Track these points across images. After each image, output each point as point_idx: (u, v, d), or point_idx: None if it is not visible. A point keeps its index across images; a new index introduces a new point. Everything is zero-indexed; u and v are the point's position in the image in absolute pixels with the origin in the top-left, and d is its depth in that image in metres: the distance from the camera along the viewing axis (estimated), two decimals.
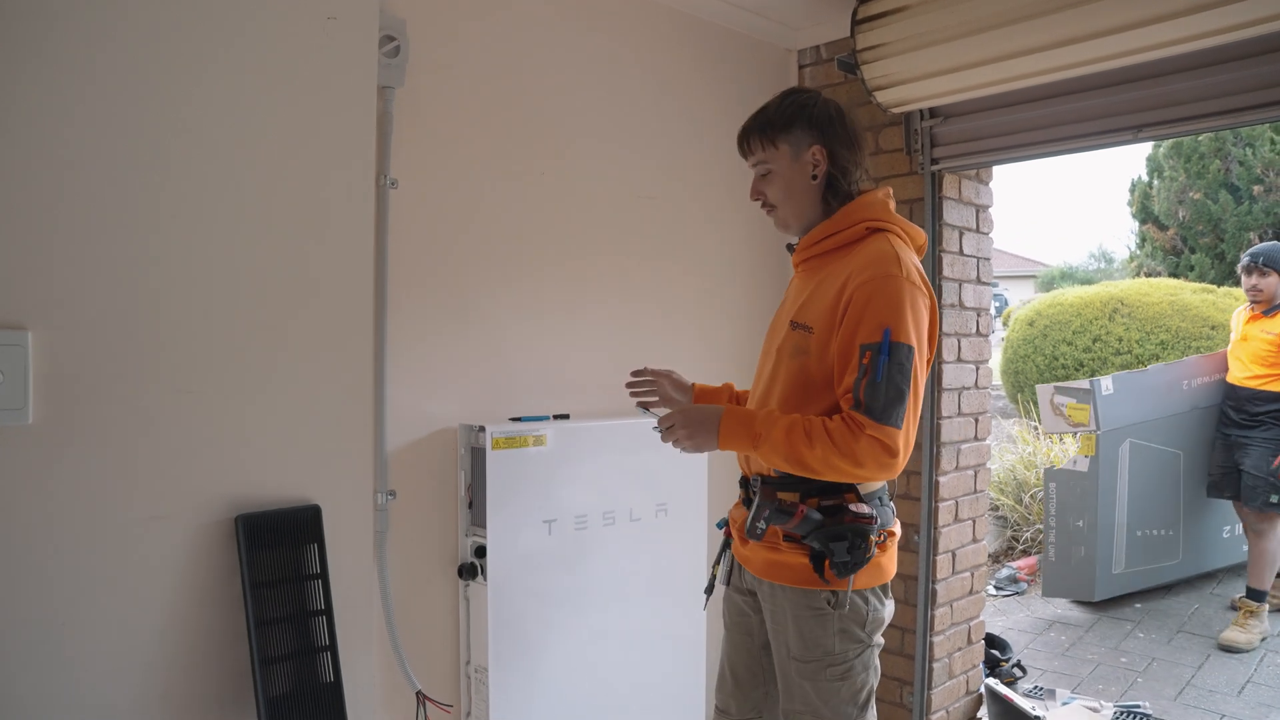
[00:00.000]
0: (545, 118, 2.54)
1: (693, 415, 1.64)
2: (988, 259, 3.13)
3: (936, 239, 2.91)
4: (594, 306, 2.67)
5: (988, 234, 3.13)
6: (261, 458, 1.69)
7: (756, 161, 1.74)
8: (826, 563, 1.60)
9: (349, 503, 1.82)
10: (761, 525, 1.62)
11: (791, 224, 1.74)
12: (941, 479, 2.96)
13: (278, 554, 1.63)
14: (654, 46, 2.83)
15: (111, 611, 1.54)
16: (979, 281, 3.10)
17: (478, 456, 2.29)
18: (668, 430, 1.67)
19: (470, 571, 2.31)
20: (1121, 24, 2.22)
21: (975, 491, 3.14)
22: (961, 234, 3.00)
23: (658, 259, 2.84)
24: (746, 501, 1.74)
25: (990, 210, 3.14)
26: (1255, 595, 4.08)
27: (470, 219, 2.37)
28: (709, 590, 1.95)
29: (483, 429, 2.27)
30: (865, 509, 1.63)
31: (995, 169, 3.06)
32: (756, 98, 3.21)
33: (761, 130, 1.72)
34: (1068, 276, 24.22)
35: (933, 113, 2.87)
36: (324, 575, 1.69)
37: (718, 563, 1.92)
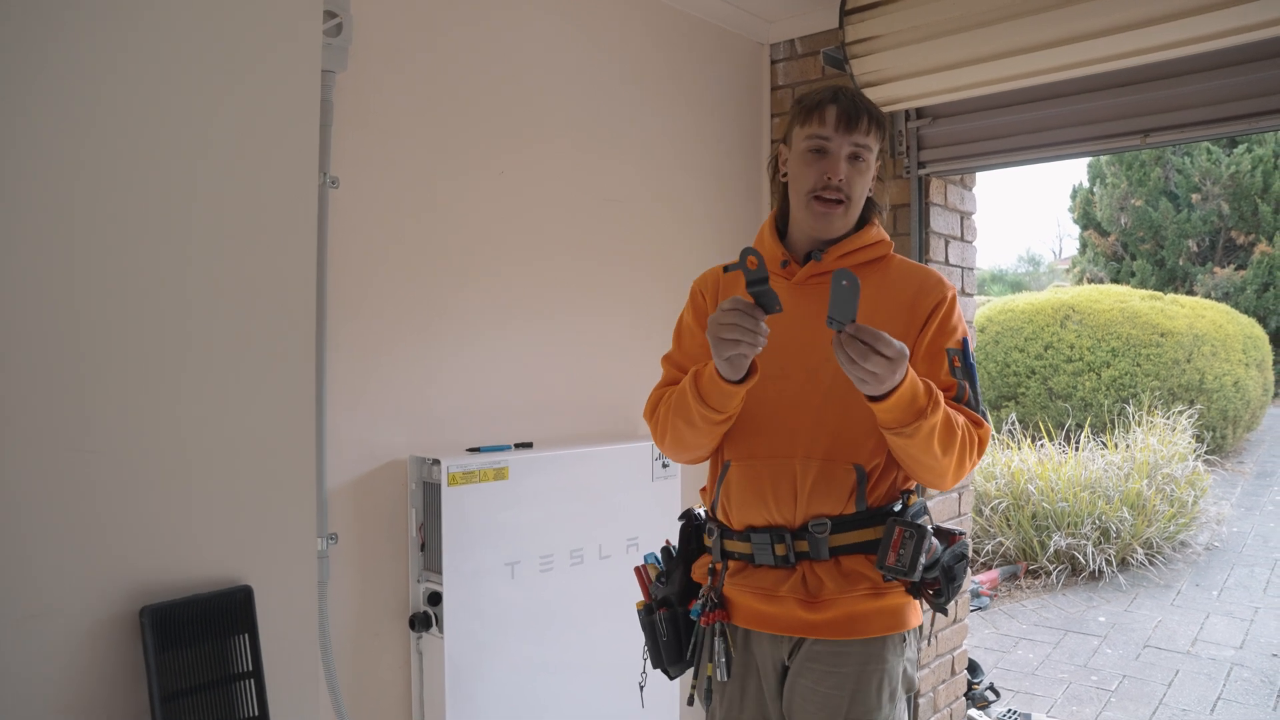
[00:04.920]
0: (503, 109, 2.28)
1: (898, 357, 1.27)
2: (972, 269, 2.97)
3: (923, 248, 2.74)
4: (557, 320, 2.42)
5: (971, 242, 2.97)
6: (174, 529, 1.36)
7: (859, 146, 1.49)
8: (927, 595, 1.47)
9: (289, 578, 1.49)
10: (924, 561, 1.40)
11: (839, 228, 1.53)
12: (927, 501, 2.78)
13: (196, 652, 1.31)
14: (621, 33, 2.60)
15: None
16: (963, 293, 2.93)
17: (431, 493, 2.04)
18: (866, 345, 1.24)
19: (423, 622, 2.08)
20: (1131, 22, 2.12)
21: (959, 514, 2.98)
22: (948, 243, 2.83)
23: (626, 266, 2.60)
24: (785, 559, 1.47)
25: (974, 217, 2.98)
26: None
27: (420, 223, 2.12)
28: (708, 696, 1.57)
29: (437, 462, 2.01)
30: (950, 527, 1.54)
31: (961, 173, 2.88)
32: (727, 94, 3.04)
33: (874, 117, 1.50)
34: (998, 279, 24.74)
35: (919, 113, 2.69)
36: (258, 673, 1.37)
37: (706, 658, 1.55)
